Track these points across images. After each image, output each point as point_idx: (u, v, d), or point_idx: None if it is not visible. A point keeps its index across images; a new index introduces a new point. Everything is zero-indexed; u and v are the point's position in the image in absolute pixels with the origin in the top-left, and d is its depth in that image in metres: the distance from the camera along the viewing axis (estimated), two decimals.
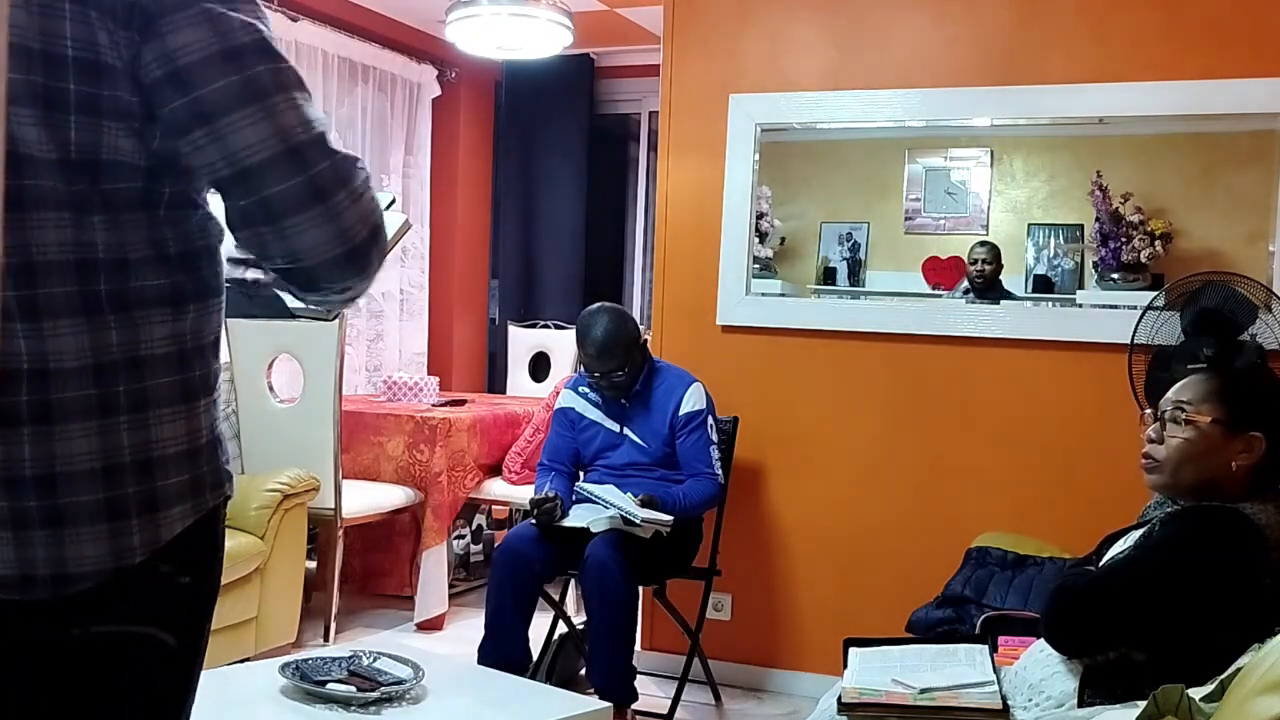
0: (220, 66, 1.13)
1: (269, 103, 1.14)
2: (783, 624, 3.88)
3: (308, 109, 1.17)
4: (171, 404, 1.20)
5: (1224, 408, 1.99)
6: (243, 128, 1.13)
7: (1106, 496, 3.30)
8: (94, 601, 1.16)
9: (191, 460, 1.22)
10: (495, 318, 6.84)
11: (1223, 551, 1.87)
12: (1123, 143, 3.57)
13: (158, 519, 1.19)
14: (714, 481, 3.51)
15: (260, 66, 1.15)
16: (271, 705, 2.46)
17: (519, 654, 3.34)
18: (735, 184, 3.88)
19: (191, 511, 1.22)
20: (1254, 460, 1.96)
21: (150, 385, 1.18)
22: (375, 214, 1.20)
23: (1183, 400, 2.03)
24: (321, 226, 1.14)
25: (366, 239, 1.18)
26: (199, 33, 1.13)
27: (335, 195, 1.15)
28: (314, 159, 1.15)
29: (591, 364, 3.52)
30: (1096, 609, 1.92)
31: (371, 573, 4.84)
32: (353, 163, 1.19)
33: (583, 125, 6.55)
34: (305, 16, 5.35)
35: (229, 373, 4.27)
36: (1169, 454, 2.02)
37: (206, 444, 1.25)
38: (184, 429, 1.21)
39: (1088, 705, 1.88)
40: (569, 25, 4.27)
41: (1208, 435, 1.98)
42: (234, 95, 1.13)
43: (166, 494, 1.20)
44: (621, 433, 3.59)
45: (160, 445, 1.19)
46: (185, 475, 1.22)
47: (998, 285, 3.69)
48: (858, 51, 3.77)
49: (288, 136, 1.14)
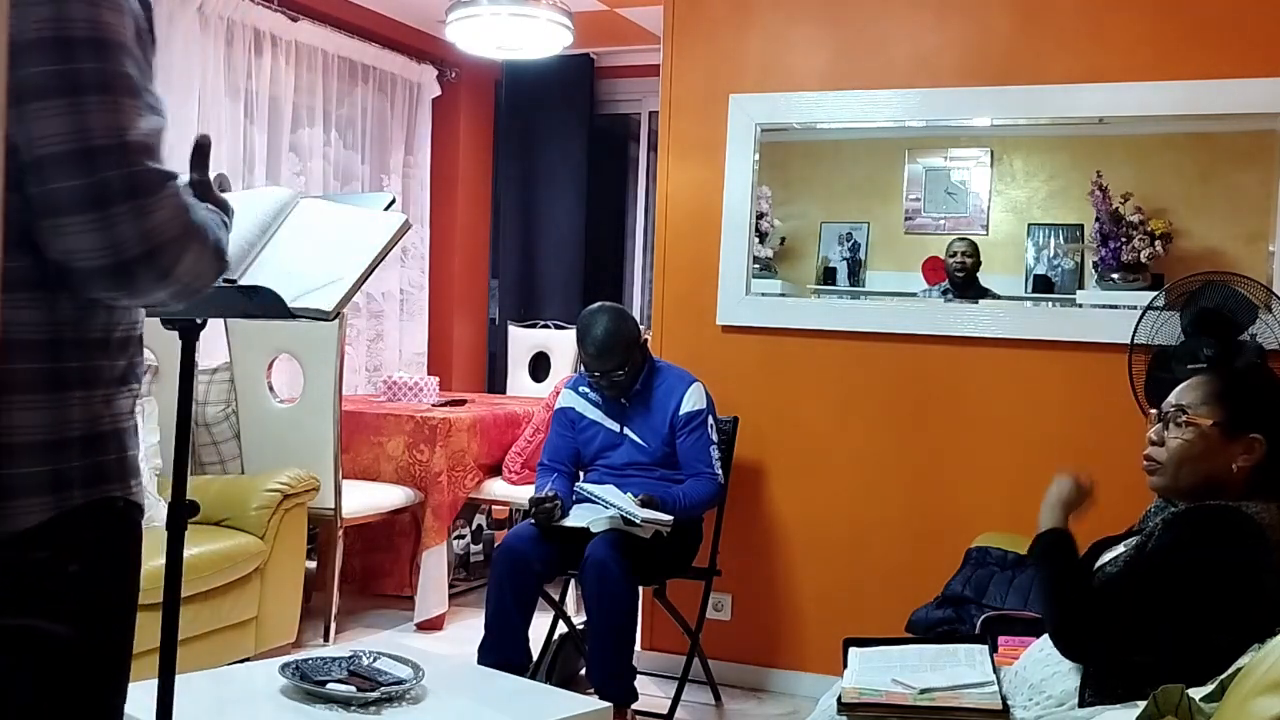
0: (45, 52, 1.12)
1: (79, 99, 1.13)
2: (783, 624, 3.88)
3: (125, 114, 1.15)
4: (31, 392, 1.18)
5: (1224, 410, 1.99)
6: (45, 117, 1.12)
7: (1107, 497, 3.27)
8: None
9: (54, 453, 1.19)
10: (495, 318, 6.84)
11: (1225, 551, 1.86)
12: (1123, 143, 3.56)
13: (6, 507, 1.16)
14: (714, 481, 3.50)
15: (86, 63, 1.13)
16: (271, 705, 2.45)
17: (519, 654, 3.34)
18: (735, 184, 3.87)
19: (52, 505, 1.19)
20: (1254, 461, 1.96)
21: (6, 370, 1.16)
22: (160, 234, 1.16)
23: (1183, 403, 2.03)
24: (92, 233, 1.13)
25: (138, 256, 1.15)
26: (40, 13, 1.12)
27: (115, 205, 1.13)
28: (104, 165, 1.13)
29: (591, 363, 3.52)
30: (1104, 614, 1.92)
31: (371, 573, 4.84)
32: (157, 179, 1.17)
33: (583, 125, 6.55)
34: (305, 16, 5.35)
35: (229, 373, 4.27)
36: (1170, 455, 2.02)
37: (80, 439, 1.21)
38: (45, 419, 1.18)
39: (1088, 705, 1.88)
40: (569, 25, 4.27)
41: (1208, 437, 1.98)
42: (45, 84, 1.12)
43: (20, 483, 1.17)
44: (621, 432, 3.59)
45: (16, 432, 1.16)
46: (44, 467, 1.18)
47: (976, 282, 3.69)
48: (858, 51, 3.77)
49: (85, 137, 1.12)
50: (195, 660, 3.22)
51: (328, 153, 5.65)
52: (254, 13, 5.08)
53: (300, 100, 5.46)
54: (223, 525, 3.71)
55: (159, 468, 3.70)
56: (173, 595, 1.76)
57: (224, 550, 3.55)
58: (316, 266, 1.76)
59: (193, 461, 4.14)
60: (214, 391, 4.24)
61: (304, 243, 1.79)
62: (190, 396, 1.82)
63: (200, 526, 3.60)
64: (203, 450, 4.22)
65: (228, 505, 3.75)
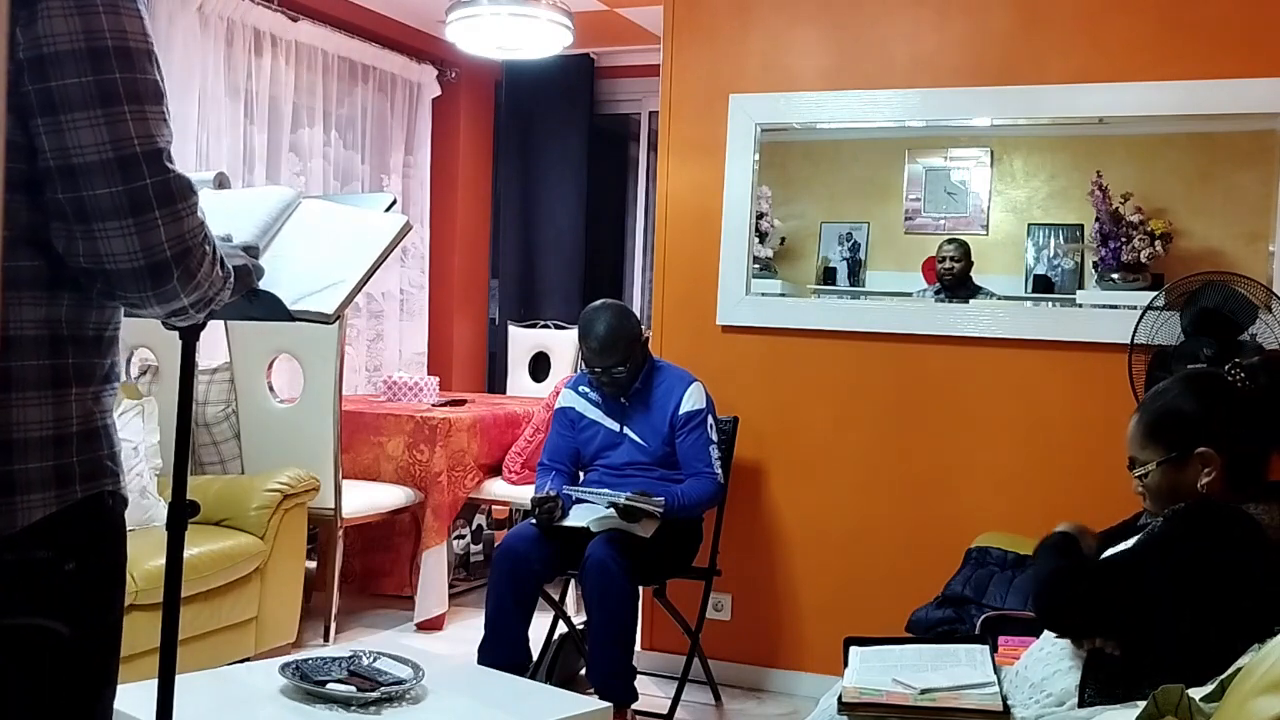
0: (78, 63, 1.15)
1: (113, 109, 1.16)
2: (783, 624, 3.88)
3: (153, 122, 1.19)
4: (38, 388, 1.21)
5: (1159, 445, 2.02)
6: (80, 127, 1.15)
7: (1107, 497, 3.29)
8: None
9: (57, 448, 1.22)
10: (495, 318, 6.84)
11: (1223, 548, 1.87)
12: (1123, 143, 3.57)
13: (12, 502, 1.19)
14: (713, 481, 3.50)
15: (117, 73, 1.17)
16: (271, 705, 2.45)
17: (519, 654, 3.34)
18: (735, 184, 3.88)
19: (55, 500, 1.22)
20: (1217, 471, 1.97)
21: (15, 366, 1.19)
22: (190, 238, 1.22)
23: (1131, 454, 2.08)
24: (129, 237, 1.18)
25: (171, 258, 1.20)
26: (69, 24, 1.15)
27: (152, 211, 1.18)
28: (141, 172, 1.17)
29: (593, 359, 3.52)
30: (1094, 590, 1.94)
31: (371, 573, 4.84)
32: (187, 185, 1.22)
33: (583, 125, 6.55)
34: (305, 16, 5.35)
35: (229, 373, 4.27)
36: (1149, 495, 2.07)
37: (79, 434, 1.25)
38: (50, 415, 1.22)
39: (1089, 704, 1.88)
40: (569, 25, 4.27)
41: (1165, 473, 2.02)
42: (82, 94, 1.15)
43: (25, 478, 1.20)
44: (621, 431, 3.59)
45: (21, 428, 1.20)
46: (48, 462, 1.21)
47: (968, 282, 3.69)
48: (858, 51, 3.77)
49: (121, 145, 1.17)
50: (195, 660, 3.22)
51: (328, 153, 5.65)
52: (254, 13, 5.08)
53: (300, 100, 5.46)
54: (223, 525, 3.71)
55: (159, 468, 3.70)
56: (173, 595, 1.76)
57: (224, 550, 3.55)
58: (317, 269, 1.76)
59: (193, 461, 4.13)
60: (214, 391, 4.24)
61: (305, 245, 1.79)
62: (190, 396, 1.82)
63: (200, 526, 3.60)
64: (203, 450, 4.23)
65: (228, 505, 3.75)
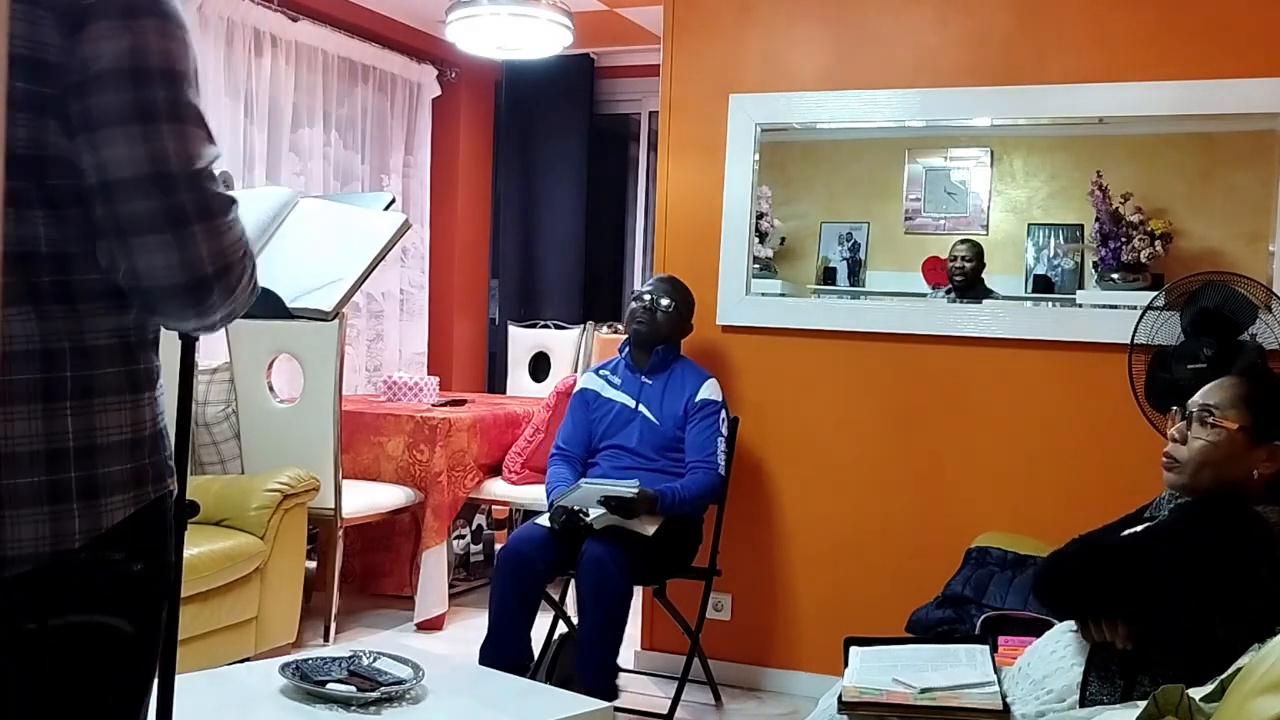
0: (119, 81, 1.18)
1: (152, 127, 1.18)
2: (783, 624, 3.88)
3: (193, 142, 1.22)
4: (117, 394, 1.25)
5: (1252, 415, 1.98)
6: (117, 143, 1.17)
7: (1107, 497, 3.29)
8: (37, 588, 1.19)
9: (134, 450, 1.26)
10: (495, 318, 6.84)
11: (1234, 541, 1.86)
12: (1123, 143, 3.56)
13: (98, 505, 1.22)
14: (714, 473, 3.51)
15: (158, 92, 1.19)
16: (271, 705, 2.45)
17: (521, 654, 3.34)
18: (735, 184, 3.87)
19: (133, 501, 1.26)
20: (1275, 469, 1.96)
21: (96, 374, 1.23)
22: (229, 254, 1.24)
23: (1210, 403, 2.01)
24: (167, 252, 1.19)
25: (212, 273, 1.22)
26: (115, 45, 1.17)
27: (190, 226, 1.20)
28: (178, 188, 1.19)
29: (645, 290, 3.69)
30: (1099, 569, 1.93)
31: (371, 573, 4.84)
32: (227, 202, 1.25)
33: (583, 125, 6.55)
34: (305, 16, 5.35)
35: (229, 373, 4.27)
36: (1190, 455, 2.00)
37: (150, 437, 1.29)
38: (128, 419, 1.26)
39: (1090, 699, 1.88)
40: (569, 25, 4.27)
41: (1233, 441, 1.97)
42: (120, 111, 1.17)
43: (109, 481, 1.23)
44: (636, 409, 3.61)
45: (104, 433, 1.23)
46: (127, 464, 1.26)
47: (980, 284, 3.69)
48: (858, 51, 3.77)
49: (158, 162, 1.18)
50: (195, 660, 3.22)
51: (328, 153, 5.65)
52: (254, 13, 5.08)
53: (300, 100, 5.46)
54: (223, 525, 3.71)
55: None
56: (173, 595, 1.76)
57: (224, 550, 3.55)
58: (316, 267, 1.76)
59: (193, 461, 4.13)
60: (214, 391, 4.24)
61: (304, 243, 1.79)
62: (190, 396, 1.82)
63: (200, 526, 3.60)
64: (203, 450, 4.23)
65: (228, 505, 3.75)
